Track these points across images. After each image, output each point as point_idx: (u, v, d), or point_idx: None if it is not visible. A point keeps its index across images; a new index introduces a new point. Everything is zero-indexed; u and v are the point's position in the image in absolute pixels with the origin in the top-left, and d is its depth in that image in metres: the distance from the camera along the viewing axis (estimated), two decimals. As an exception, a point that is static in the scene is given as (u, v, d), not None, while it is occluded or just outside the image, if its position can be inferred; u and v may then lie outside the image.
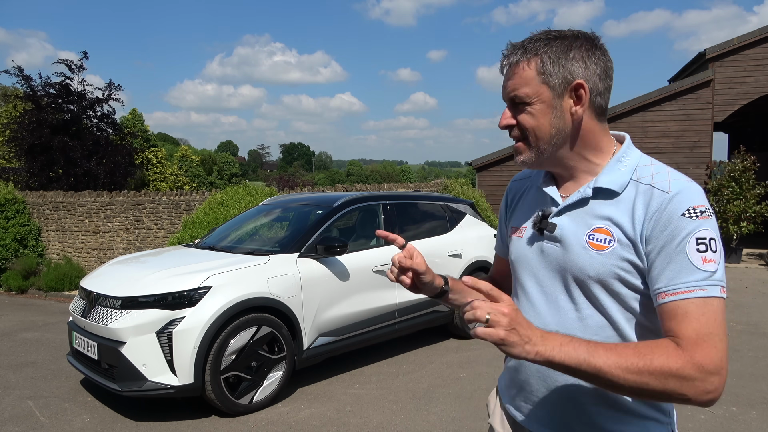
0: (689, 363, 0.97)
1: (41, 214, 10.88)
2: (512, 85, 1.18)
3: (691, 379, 0.97)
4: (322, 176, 69.12)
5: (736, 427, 3.65)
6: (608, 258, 1.12)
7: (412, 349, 5.44)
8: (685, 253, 1.03)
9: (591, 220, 1.17)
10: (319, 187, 12.08)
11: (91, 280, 4.33)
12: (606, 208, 1.16)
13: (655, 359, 0.98)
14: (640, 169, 1.16)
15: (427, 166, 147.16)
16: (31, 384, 4.67)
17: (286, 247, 4.52)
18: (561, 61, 1.15)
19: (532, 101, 1.16)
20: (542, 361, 0.99)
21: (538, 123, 1.17)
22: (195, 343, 3.70)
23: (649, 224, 1.08)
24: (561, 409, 1.22)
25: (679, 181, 1.10)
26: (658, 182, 1.11)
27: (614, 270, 1.12)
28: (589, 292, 1.16)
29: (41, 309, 7.91)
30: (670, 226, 1.05)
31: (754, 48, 10.82)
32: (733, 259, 10.58)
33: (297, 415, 3.95)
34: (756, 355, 5.10)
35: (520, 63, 1.17)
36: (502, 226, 1.50)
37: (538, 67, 1.15)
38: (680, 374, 0.97)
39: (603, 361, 0.98)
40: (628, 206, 1.13)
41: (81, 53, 14.91)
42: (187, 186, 26.67)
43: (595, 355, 0.99)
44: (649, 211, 1.09)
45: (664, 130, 11.27)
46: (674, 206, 1.06)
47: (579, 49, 1.16)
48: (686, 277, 1.03)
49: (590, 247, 1.15)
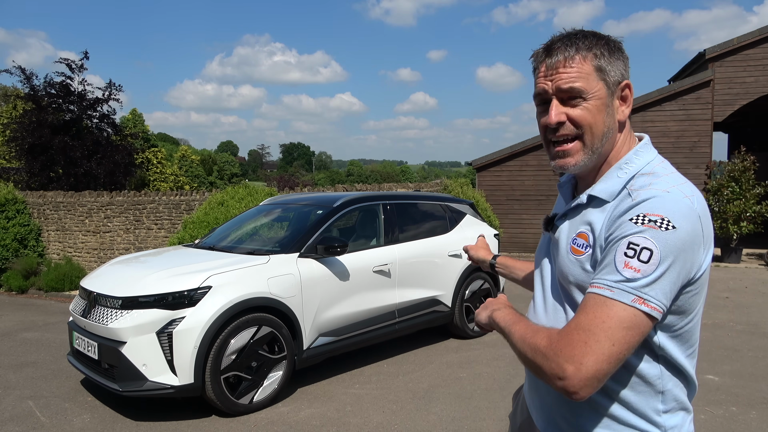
0: (551, 345, 1.03)
1: (41, 214, 10.89)
2: (569, 77, 1.12)
3: (547, 359, 1.02)
4: (322, 176, 69.10)
5: (736, 427, 3.65)
6: (582, 262, 1.14)
7: (412, 349, 5.45)
8: (614, 253, 1.03)
9: (578, 225, 1.18)
10: (319, 187, 12.09)
11: (91, 280, 4.33)
12: (592, 215, 1.15)
13: (537, 336, 1.07)
14: (638, 178, 1.12)
15: (427, 166, 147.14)
16: (31, 384, 4.67)
17: (286, 247, 4.52)
18: (614, 59, 1.15)
19: (589, 96, 1.12)
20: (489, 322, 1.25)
21: (594, 120, 1.13)
22: (195, 343, 3.70)
23: (609, 229, 1.08)
24: (550, 409, 1.23)
25: (656, 191, 1.05)
26: (638, 190, 1.08)
27: (587, 274, 1.12)
28: (570, 297, 1.18)
29: (41, 309, 7.91)
30: (618, 229, 1.05)
31: (754, 48, 10.82)
32: (733, 259, 10.58)
33: (297, 415, 3.95)
34: (756, 355, 5.10)
35: (576, 57, 1.12)
36: None
37: (596, 63, 1.13)
38: (542, 352, 1.04)
39: (516, 329, 1.14)
40: (609, 212, 1.12)
41: (81, 53, 14.92)
42: (187, 186, 26.67)
43: (515, 325, 1.15)
44: (613, 216, 1.09)
45: (664, 130, 11.27)
46: (630, 212, 1.05)
47: (621, 51, 1.16)
48: (606, 275, 1.03)
49: (571, 252, 1.16)
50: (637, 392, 1.11)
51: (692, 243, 1.02)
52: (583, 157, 1.15)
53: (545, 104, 1.18)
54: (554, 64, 1.13)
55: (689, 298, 1.08)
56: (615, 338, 0.98)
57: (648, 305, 0.99)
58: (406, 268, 5.12)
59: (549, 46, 1.16)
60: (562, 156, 1.17)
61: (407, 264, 5.13)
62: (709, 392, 4.22)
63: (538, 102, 1.20)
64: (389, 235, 5.20)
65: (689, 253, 1.02)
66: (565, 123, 1.14)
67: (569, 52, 1.12)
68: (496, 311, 1.23)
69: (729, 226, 10.25)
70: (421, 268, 5.25)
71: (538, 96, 1.19)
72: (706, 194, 10.75)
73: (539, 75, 1.17)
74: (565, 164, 1.17)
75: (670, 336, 1.11)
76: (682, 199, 1.04)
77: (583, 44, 1.13)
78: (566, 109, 1.14)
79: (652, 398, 1.12)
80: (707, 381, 4.46)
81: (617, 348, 0.98)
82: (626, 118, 1.18)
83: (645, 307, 0.99)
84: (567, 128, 1.14)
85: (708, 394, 4.19)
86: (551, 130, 1.16)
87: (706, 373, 4.64)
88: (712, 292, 7.96)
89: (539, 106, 1.20)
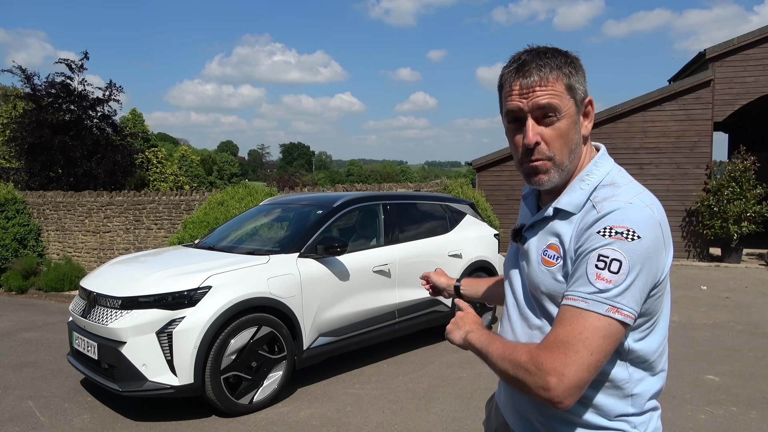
0: (532, 359, 1.07)
1: (41, 214, 10.89)
2: (546, 96, 1.13)
3: (530, 373, 1.06)
4: (322, 176, 69.07)
5: (736, 427, 3.65)
6: (554, 273, 1.17)
7: (412, 349, 5.44)
8: (585, 266, 1.07)
9: (547, 236, 1.21)
10: (319, 187, 12.09)
11: (91, 280, 4.33)
12: (560, 226, 1.19)
13: (516, 352, 1.11)
14: (600, 190, 1.16)
15: (427, 166, 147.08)
16: (31, 384, 4.67)
17: (286, 247, 4.52)
18: (579, 76, 1.17)
19: (562, 115, 1.14)
20: (464, 344, 1.27)
21: (567, 138, 1.16)
22: (195, 343, 3.70)
23: (578, 241, 1.12)
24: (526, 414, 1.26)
25: (619, 203, 1.09)
26: (601, 202, 1.12)
27: (559, 285, 1.15)
28: (542, 306, 1.21)
29: (41, 309, 7.91)
30: (587, 242, 1.09)
31: (754, 48, 10.82)
32: (733, 259, 10.58)
33: (297, 415, 3.95)
34: (756, 355, 5.10)
35: (550, 77, 1.13)
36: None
37: (567, 82, 1.15)
38: (524, 367, 1.07)
39: (493, 348, 1.17)
40: (576, 224, 1.16)
41: (81, 53, 14.91)
42: (187, 186, 26.65)
43: (491, 344, 1.18)
44: (580, 228, 1.13)
45: (664, 130, 11.27)
46: (597, 225, 1.09)
47: (582, 67, 1.19)
48: (579, 287, 1.07)
49: (542, 263, 1.19)
50: (607, 395, 1.16)
51: (656, 249, 1.08)
52: (555, 174, 1.18)
53: (518, 122, 1.18)
54: (530, 84, 1.14)
55: (654, 301, 1.13)
56: (593, 347, 1.03)
57: (621, 313, 1.04)
58: (406, 268, 5.12)
59: (521, 66, 1.15)
60: (535, 173, 1.18)
61: (407, 264, 5.13)
62: (709, 392, 4.22)
63: (511, 119, 1.19)
64: (389, 235, 5.20)
65: (654, 259, 1.07)
66: (541, 144, 1.16)
67: (543, 72, 1.13)
68: (470, 333, 1.26)
69: (729, 226, 10.25)
70: (421, 268, 5.24)
71: (511, 113, 1.18)
72: (706, 194, 10.76)
73: (512, 93, 1.16)
74: (539, 181, 1.19)
75: (638, 339, 1.15)
76: (643, 209, 1.09)
77: (554, 63, 1.14)
78: (540, 129, 1.15)
79: (621, 400, 1.16)
80: (707, 381, 4.46)
81: (595, 357, 1.03)
82: (589, 133, 1.22)
83: (618, 315, 1.04)
84: (541, 147, 1.16)
85: (708, 394, 4.19)
86: (528, 151, 1.17)
87: (706, 373, 4.64)
88: (712, 292, 7.96)
89: (511, 123, 1.19)
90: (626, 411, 1.16)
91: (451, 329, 1.32)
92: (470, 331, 1.27)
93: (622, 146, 11.36)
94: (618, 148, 11.27)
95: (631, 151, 11.36)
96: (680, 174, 11.19)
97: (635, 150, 11.35)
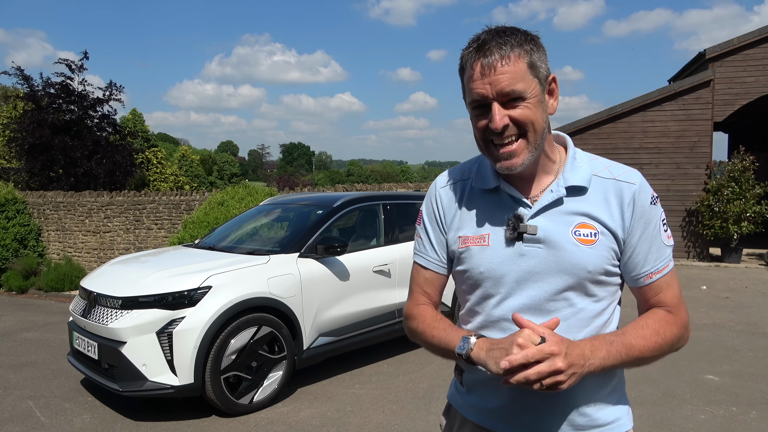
0: (681, 325, 1.22)
1: (41, 214, 10.89)
2: (508, 80, 1.10)
3: (683, 337, 1.23)
4: (322, 176, 69.13)
5: (736, 427, 3.65)
6: (597, 250, 1.18)
7: (412, 349, 5.45)
8: (660, 236, 1.22)
9: (569, 217, 1.19)
10: (319, 187, 12.09)
11: (91, 280, 4.33)
12: (579, 205, 1.20)
13: (667, 333, 1.19)
14: (592, 164, 1.25)
15: (427, 166, 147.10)
16: (31, 384, 4.67)
17: (286, 247, 4.52)
18: (541, 53, 1.16)
19: (528, 96, 1.12)
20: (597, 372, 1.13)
21: (535, 117, 1.14)
22: (195, 343, 3.70)
23: (628, 214, 1.19)
24: (561, 409, 1.21)
25: (632, 172, 1.24)
26: (619, 174, 1.23)
27: (603, 260, 1.19)
28: (583, 285, 1.18)
29: (41, 309, 7.91)
30: (645, 214, 1.20)
31: (754, 48, 10.81)
32: (733, 259, 10.58)
33: (297, 415, 3.95)
34: (756, 355, 5.10)
35: (511, 55, 1.10)
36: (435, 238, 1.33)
37: (528, 59, 1.13)
38: (680, 336, 1.22)
39: (639, 351, 1.16)
40: (599, 200, 1.20)
41: (81, 53, 14.95)
42: (187, 186, 26.69)
43: (632, 349, 1.15)
44: (624, 202, 1.20)
45: (664, 130, 11.26)
46: (644, 196, 1.21)
47: (542, 45, 1.18)
48: (662, 255, 1.22)
49: (580, 243, 1.17)
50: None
51: None
52: (527, 155, 1.16)
53: (483, 107, 1.15)
54: (491, 63, 1.11)
55: None
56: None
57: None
58: (406, 268, 5.11)
59: (481, 45, 1.12)
60: (507, 157, 1.15)
61: (407, 264, 5.13)
62: (709, 392, 4.23)
63: (475, 106, 1.16)
64: (389, 235, 5.20)
65: None
66: (509, 125, 1.13)
67: (504, 50, 1.10)
68: (590, 363, 1.08)
69: (729, 226, 10.25)
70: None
71: (475, 101, 1.15)
72: (706, 194, 10.75)
73: (473, 76, 1.13)
74: (512, 165, 1.16)
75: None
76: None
77: (515, 41, 1.12)
78: (508, 111, 1.13)
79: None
80: (707, 381, 4.46)
81: None
82: (555, 111, 1.22)
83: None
84: (511, 130, 1.14)
85: (708, 394, 4.19)
86: (495, 134, 1.14)
87: (706, 373, 4.64)
88: (712, 292, 7.96)
89: (476, 109, 1.16)
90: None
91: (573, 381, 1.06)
92: (592, 360, 1.09)
93: (622, 146, 11.35)
94: (618, 148, 11.27)
95: (631, 151, 11.35)
96: (680, 174, 11.18)
97: (635, 150, 11.35)
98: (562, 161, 1.25)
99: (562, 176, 1.21)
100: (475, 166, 1.32)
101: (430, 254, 1.34)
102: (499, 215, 1.23)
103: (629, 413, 1.29)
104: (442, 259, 1.33)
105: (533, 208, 1.20)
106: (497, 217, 1.23)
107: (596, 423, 1.22)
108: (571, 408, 1.20)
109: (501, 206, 1.24)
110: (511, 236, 1.20)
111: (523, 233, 1.18)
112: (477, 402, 1.29)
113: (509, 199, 1.23)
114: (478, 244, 1.23)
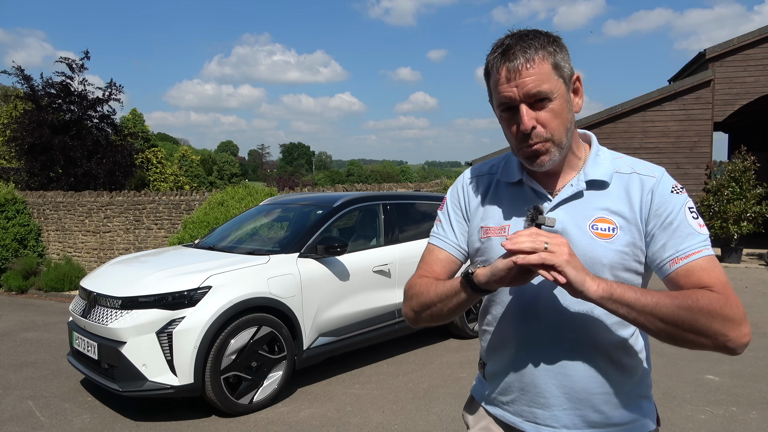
0: (728, 304, 1.06)
1: (41, 214, 10.89)
2: (533, 82, 1.13)
3: (732, 321, 1.06)
4: (322, 176, 69.12)
5: (736, 427, 3.65)
6: (614, 245, 1.18)
7: (412, 349, 5.45)
8: (687, 222, 1.16)
9: (589, 211, 1.21)
10: (319, 187, 12.09)
11: (91, 280, 4.33)
12: (600, 199, 1.22)
13: (700, 299, 1.06)
14: (615, 162, 1.26)
15: (427, 166, 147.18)
16: (31, 384, 4.67)
17: (286, 247, 4.52)
18: (564, 54, 1.19)
19: (554, 97, 1.15)
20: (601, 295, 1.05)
21: (562, 118, 1.18)
22: (195, 343, 3.70)
23: (647, 205, 1.19)
24: (575, 405, 1.21)
25: (654, 167, 1.25)
26: (641, 170, 1.24)
27: (621, 255, 1.18)
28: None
29: (41, 309, 7.91)
30: (665, 203, 1.18)
31: (754, 48, 10.82)
32: (733, 259, 10.57)
33: (297, 415, 3.95)
34: (756, 355, 5.10)
35: (535, 57, 1.14)
36: (456, 223, 1.37)
37: (552, 60, 1.15)
38: (723, 313, 1.05)
39: (656, 299, 1.06)
40: (620, 194, 1.21)
41: (82, 53, 14.88)
42: (187, 186, 26.70)
43: (646, 294, 1.07)
44: (644, 193, 1.20)
45: (664, 130, 11.27)
46: (663, 187, 1.20)
47: (564, 45, 1.20)
48: (691, 241, 1.14)
49: (597, 237, 1.19)
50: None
51: None
52: (555, 153, 1.19)
53: (511, 110, 1.18)
54: (516, 66, 1.14)
55: None
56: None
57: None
58: (406, 268, 5.12)
59: (506, 50, 1.15)
60: (537, 156, 1.19)
61: (407, 264, 5.13)
62: (709, 392, 4.22)
63: (504, 108, 1.19)
64: (389, 235, 5.20)
65: None
66: (537, 127, 1.16)
67: (528, 53, 1.13)
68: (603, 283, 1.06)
69: (729, 226, 10.25)
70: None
71: (503, 104, 1.18)
72: (706, 194, 10.75)
73: (500, 80, 1.16)
74: (541, 162, 1.19)
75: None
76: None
77: (538, 43, 1.15)
78: (536, 113, 1.16)
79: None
80: (707, 381, 4.46)
81: None
82: (580, 108, 1.24)
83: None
84: (538, 131, 1.16)
85: (708, 394, 4.19)
86: (525, 136, 1.17)
87: (706, 373, 4.64)
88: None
89: (504, 112, 1.19)
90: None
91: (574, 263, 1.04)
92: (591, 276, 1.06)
93: (622, 146, 11.35)
94: (618, 148, 10.93)
95: (631, 151, 11.34)
96: (680, 174, 11.18)
97: (635, 150, 11.34)
98: (586, 158, 1.28)
99: (583, 171, 1.24)
100: (503, 161, 1.36)
101: (449, 236, 1.37)
102: (521, 207, 1.26)
103: (652, 414, 1.27)
104: (460, 243, 1.36)
105: (553, 201, 1.24)
106: (519, 209, 1.27)
107: (611, 422, 1.21)
108: (586, 404, 1.21)
109: (523, 199, 1.28)
110: (529, 227, 1.20)
111: (540, 225, 1.18)
112: (495, 394, 1.33)
113: (531, 193, 1.27)
114: (499, 234, 1.27)
